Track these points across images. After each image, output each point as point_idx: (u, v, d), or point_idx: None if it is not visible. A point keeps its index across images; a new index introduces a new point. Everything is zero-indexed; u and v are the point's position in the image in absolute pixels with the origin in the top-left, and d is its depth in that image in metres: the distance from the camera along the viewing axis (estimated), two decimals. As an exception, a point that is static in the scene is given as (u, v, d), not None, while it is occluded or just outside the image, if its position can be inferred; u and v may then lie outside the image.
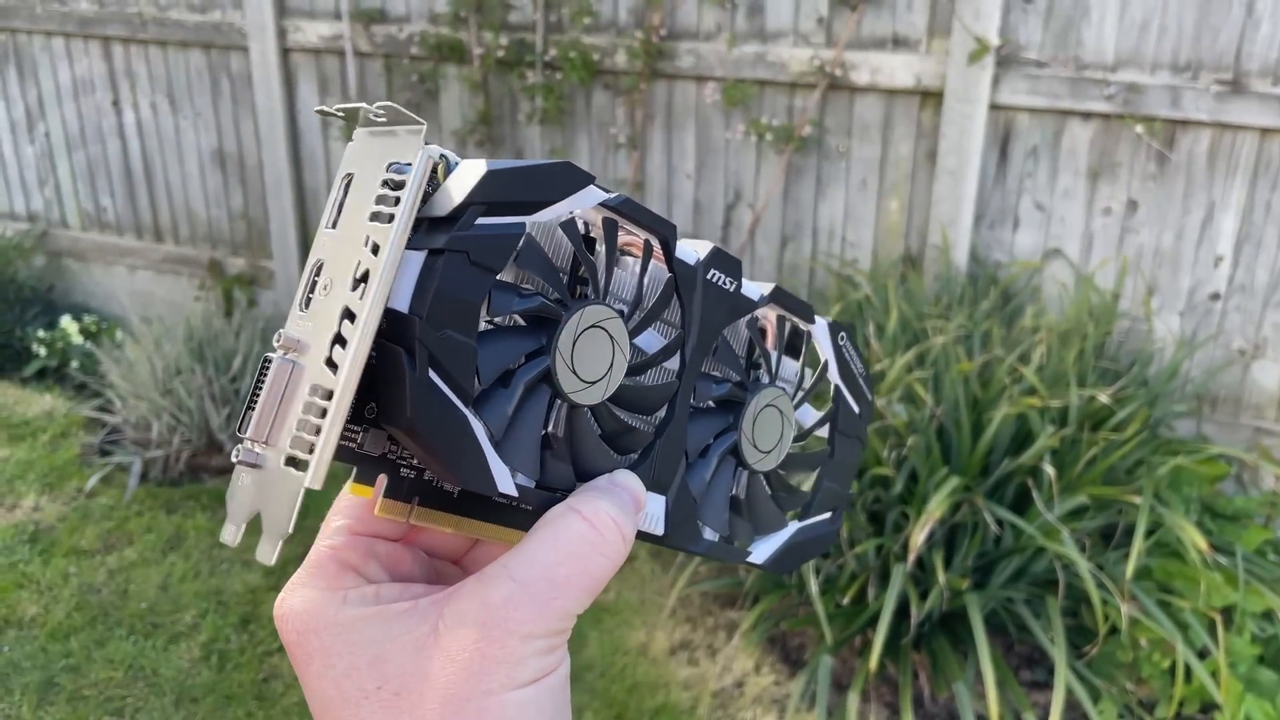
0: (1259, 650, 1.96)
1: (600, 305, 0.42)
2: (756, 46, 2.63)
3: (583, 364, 0.42)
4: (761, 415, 0.48)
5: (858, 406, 0.52)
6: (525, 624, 0.38)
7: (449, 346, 0.38)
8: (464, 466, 0.39)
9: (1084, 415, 2.13)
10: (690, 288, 0.45)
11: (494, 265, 0.39)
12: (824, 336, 0.51)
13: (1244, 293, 2.36)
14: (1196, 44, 2.25)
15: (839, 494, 0.53)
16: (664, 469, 0.45)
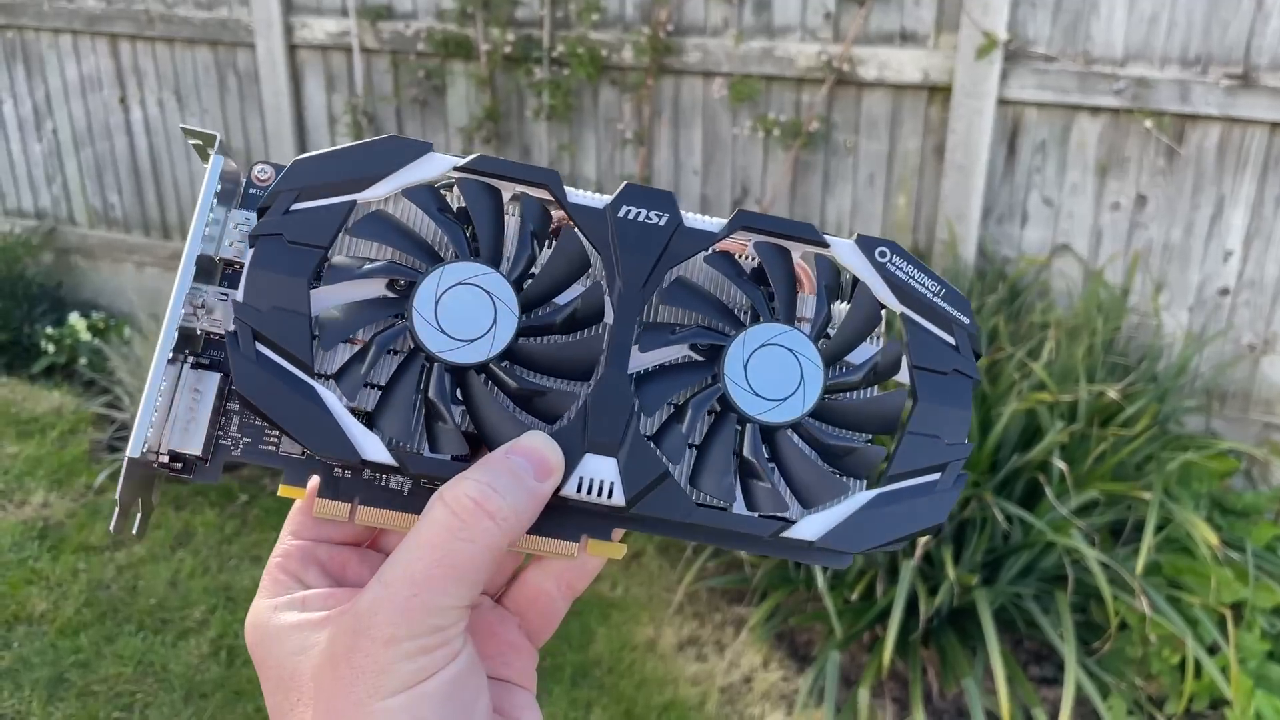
0: (1269, 646, 1.95)
1: (467, 262, 0.41)
2: (764, 42, 2.63)
3: (453, 322, 0.40)
4: (758, 357, 0.42)
5: (943, 333, 0.43)
6: (385, 628, 0.35)
7: (275, 320, 0.40)
8: (312, 433, 0.40)
9: (1093, 411, 2.13)
10: (600, 231, 0.42)
11: (317, 241, 0.41)
12: (854, 258, 0.43)
13: (1253, 288, 2.35)
14: (1206, 38, 2.24)
15: (939, 447, 0.42)
16: (601, 428, 0.41)
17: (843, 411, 0.43)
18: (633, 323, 0.42)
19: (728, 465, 0.42)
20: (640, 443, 0.41)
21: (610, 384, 0.41)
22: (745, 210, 0.43)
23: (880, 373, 0.44)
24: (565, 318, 0.41)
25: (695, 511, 0.41)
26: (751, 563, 2.26)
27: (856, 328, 0.43)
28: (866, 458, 0.43)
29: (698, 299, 0.43)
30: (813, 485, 0.42)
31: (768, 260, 0.43)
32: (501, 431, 0.41)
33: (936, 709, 2.03)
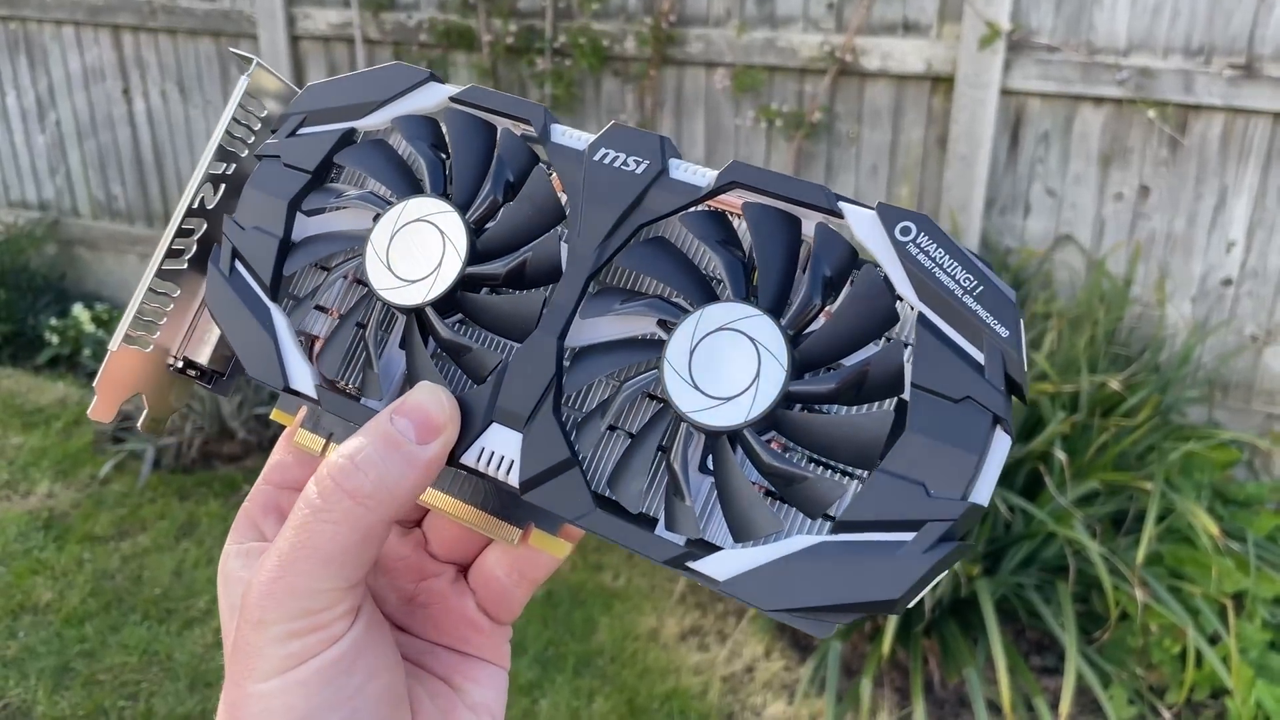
0: (1270, 636, 1.96)
1: (430, 198, 0.38)
2: (766, 32, 2.63)
3: (402, 260, 0.38)
4: (711, 343, 0.34)
5: (969, 344, 0.32)
6: (254, 611, 0.34)
7: (253, 241, 0.40)
8: (251, 355, 0.39)
9: (1095, 401, 2.13)
10: (573, 176, 0.37)
11: (305, 165, 0.41)
12: (870, 232, 0.34)
13: (1256, 278, 2.35)
14: (1209, 28, 2.24)
15: (919, 498, 0.31)
16: (513, 396, 0.36)
17: (806, 428, 0.34)
18: (580, 281, 0.36)
19: (645, 470, 0.35)
20: (549, 422, 0.35)
21: (535, 350, 0.36)
22: (742, 162, 0.36)
23: (870, 385, 0.33)
24: (513, 269, 0.37)
25: (592, 514, 0.35)
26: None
27: (855, 325, 0.34)
28: (818, 492, 0.33)
29: (668, 265, 0.36)
30: (743, 514, 0.33)
31: (756, 225, 0.35)
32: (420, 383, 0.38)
33: (938, 698, 2.04)
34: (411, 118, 0.40)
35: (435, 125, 0.40)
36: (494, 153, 0.39)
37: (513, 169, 0.39)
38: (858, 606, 0.31)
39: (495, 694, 0.42)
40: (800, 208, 0.35)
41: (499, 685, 0.42)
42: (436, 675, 0.41)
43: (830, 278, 0.35)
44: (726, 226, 0.37)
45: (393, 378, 0.40)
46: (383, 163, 0.40)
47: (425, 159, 0.40)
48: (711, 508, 0.36)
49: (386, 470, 0.34)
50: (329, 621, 0.34)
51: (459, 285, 0.37)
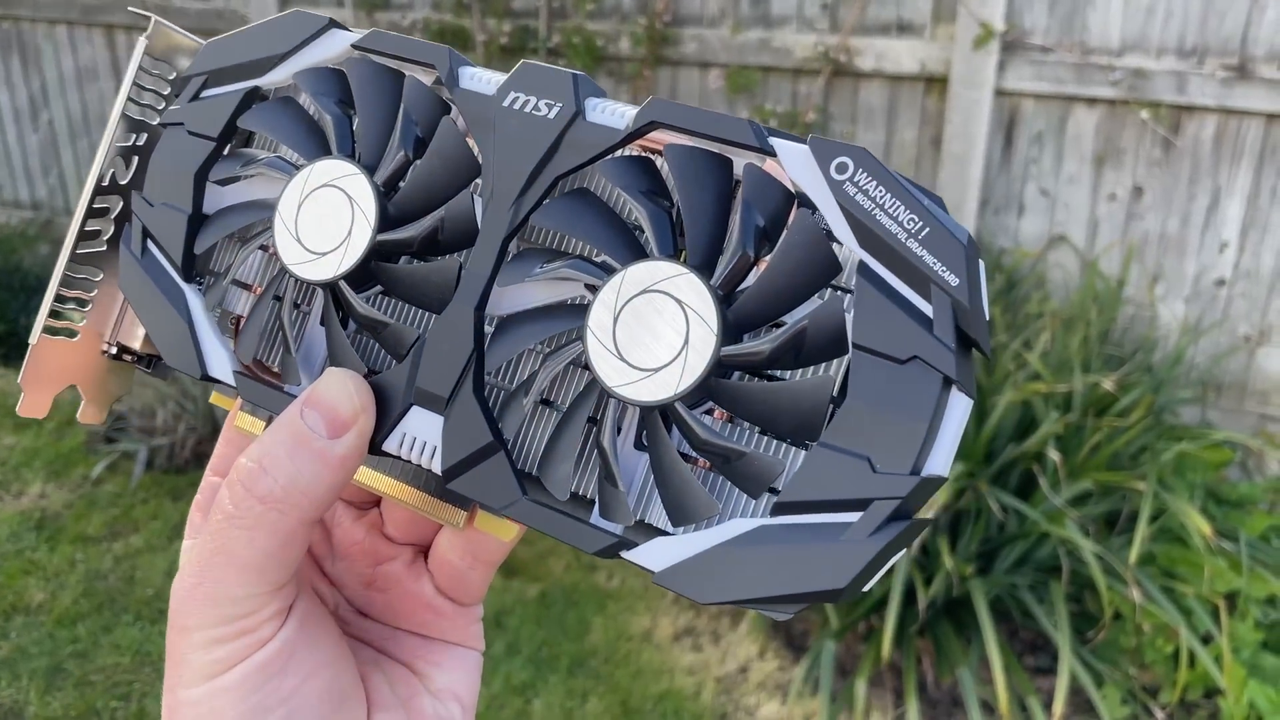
0: (1262, 636, 1.96)
1: (335, 160, 0.35)
2: (761, 32, 2.63)
3: (311, 231, 0.35)
4: (635, 308, 0.30)
5: (915, 296, 0.29)
6: (179, 617, 0.33)
7: (162, 218, 0.37)
8: (167, 341, 0.36)
9: (1088, 401, 2.13)
10: (484, 125, 0.34)
11: (209, 132, 0.37)
12: (805, 169, 0.30)
13: (1249, 279, 2.36)
14: (1202, 29, 2.24)
15: (865, 474, 0.28)
16: (432, 376, 0.33)
17: (744, 397, 0.30)
18: (497, 244, 0.33)
19: (572, 451, 0.32)
20: (469, 403, 0.33)
21: (451, 323, 0.33)
22: (661, 101, 0.32)
23: (809, 347, 0.30)
24: (425, 234, 0.34)
25: (518, 503, 0.32)
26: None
27: (787, 278, 0.30)
28: (756, 469, 0.30)
29: (592, 220, 0.33)
30: (677, 495, 0.31)
31: (680, 171, 0.31)
32: (341, 364, 0.35)
33: (931, 698, 2.04)
34: (313, 71, 0.37)
35: (341, 78, 0.37)
36: (397, 102, 0.36)
37: (421, 122, 0.35)
38: (800, 597, 0.28)
39: (463, 677, 0.40)
40: (729, 147, 0.32)
41: (468, 668, 0.41)
42: (399, 660, 0.40)
43: (763, 226, 0.31)
44: (651, 173, 0.33)
45: (315, 360, 0.37)
46: (288, 123, 0.37)
47: (330, 116, 0.36)
48: (648, 486, 0.33)
49: (298, 471, 0.32)
50: (255, 626, 0.33)
51: (371, 255, 0.34)
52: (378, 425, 0.34)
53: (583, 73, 0.34)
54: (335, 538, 0.42)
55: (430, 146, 0.34)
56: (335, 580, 0.42)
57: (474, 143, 0.34)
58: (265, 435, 0.33)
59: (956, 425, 0.29)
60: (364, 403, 0.33)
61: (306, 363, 0.37)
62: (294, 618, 0.34)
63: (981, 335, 0.28)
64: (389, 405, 0.34)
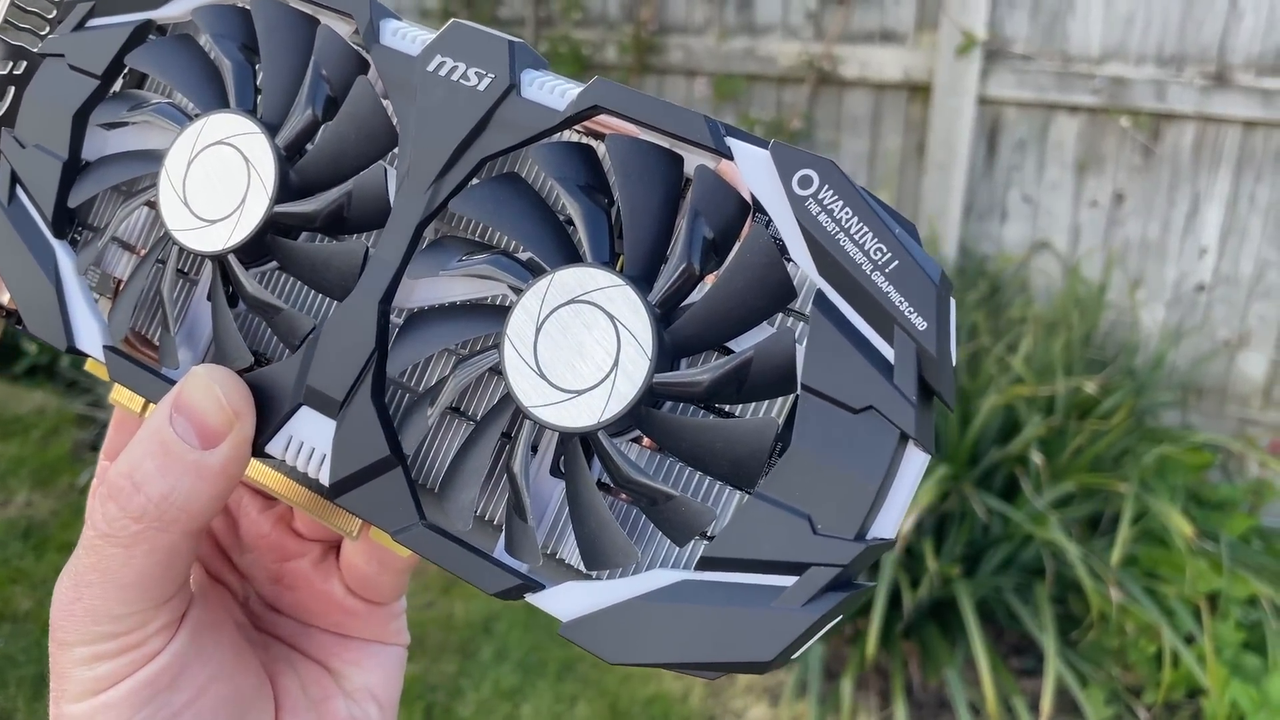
0: (1244, 636, 1.98)
1: (234, 114, 0.31)
2: (746, 40, 2.65)
3: (201, 194, 0.30)
4: (561, 319, 0.27)
5: (877, 337, 0.25)
6: (58, 631, 0.30)
7: (34, 162, 0.33)
8: (30, 305, 0.32)
9: (1071, 405, 2.15)
10: (404, 88, 0.29)
11: (93, 68, 0.33)
12: (764, 177, 0.27)
13: (1229, 283, 2.38)
14: (1181, 37, 2.27)
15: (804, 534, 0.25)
16: (325, 374, 0.29)
17: (676, 432, 0.27)
18: (409, 229, 0.29)
19: (479, 474, 0.29)
20: (366, 409, 0.29)
21: (352, 316, 0.29)
22: (607, 80, 0.28)
23: (753, 381, 0.26)
24: (329, 209, 0.30)
25: (414, 529, 0.28)
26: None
27: (734, 301, 0.26)
28: (685, 516, 0.26)
29: (520, 210, 0.29)
30: (593, 538, 0.27)
31: (623, 166, 0.28)
32: (223, 351, 0.31)
33: (918, 700, 2.05)
34: (215, 8, 0.33)
35: (246, 18, 0.33)
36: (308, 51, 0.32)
37: (333, 79, 0.31)
38: (721, 666, 0.25)
39: (382, 676, 0.38)
40: (681, 143, 0.28)
41: (388, 666, 0.38)
42: (313, 658, 0.38)
43: (712, 238, 0.27)
44: (592, 164, 0.29)
45: (200, 338, 0.33)
46: (183, 66, 0.32)
47: (230, 62, 0.32)
48: (568, 518, 0.29)
49: (172, 487, 0.29)
50: (140, 641, 0.30)
51: (268, 227, 0.30)
52: (261, 424, 0.30)
53: (522, 41, 0.29)
54: (242, 528, 0.39)
55: (342, 109, 0.30)
56: (245, 572, 0.39)
57: (392, 108, 0.30)
58: (135, 445, 0.30)
59: (910, 484, 0.26)
60: (239, 407, 0.30)
61: (190, 341, 0.33)
62: (185, 629, 0.32)
63: (946, 386, 0.25)
64: (275, 403, 0.30)
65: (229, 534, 0.39)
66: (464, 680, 2.09)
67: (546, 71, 0.29)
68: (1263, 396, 2.43)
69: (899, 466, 0.25)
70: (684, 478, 0.28)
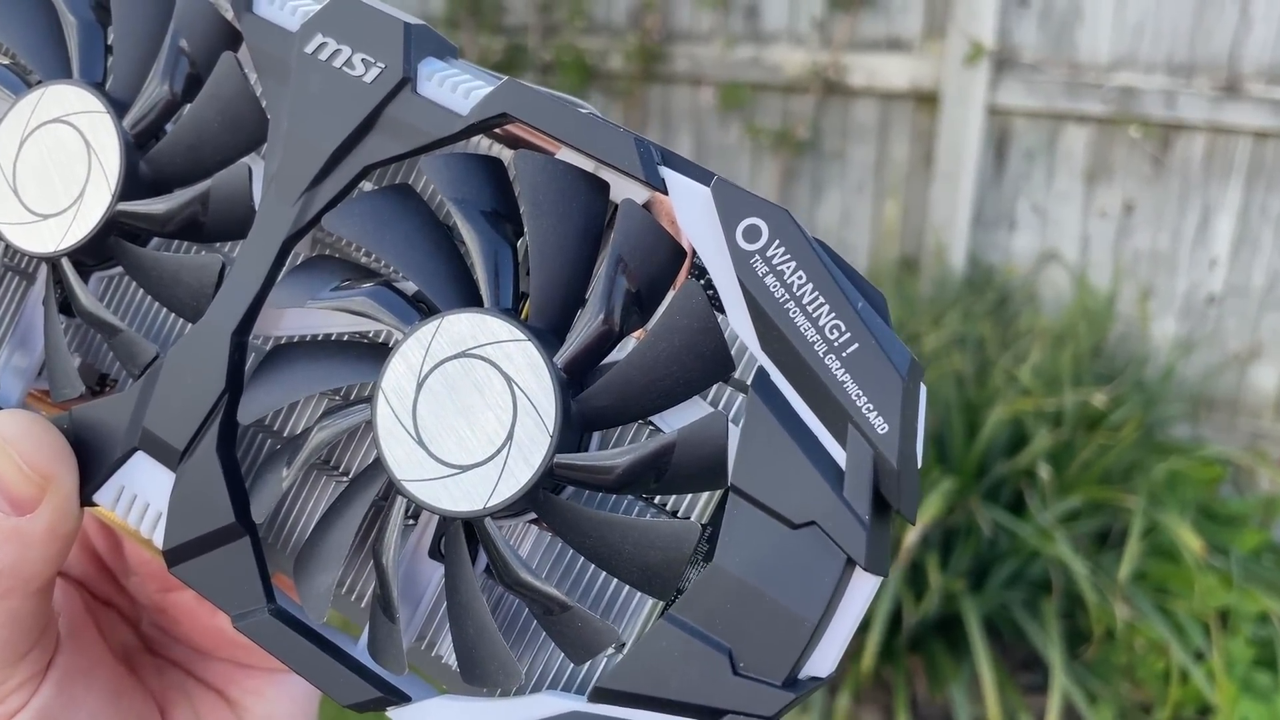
0: (1255, 652, 1.96)
1: (76, 85, 0.25)
2: (752, 49, 2.64)
3: (32, 181, 0.25)
4: (448, 374, 0.22)
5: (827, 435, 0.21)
6: None
7: None
8: None
9: (1079, 417, 2.13)
10: (277, 70, 0.24)
11: None
12: (703, 222, 0.22)
13: (1240, 295, 2.36)
14: (1191, 47, 2.25)
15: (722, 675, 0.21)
16: (163, 417, 0.24)
17: (575, 524, 0.23)
18: (274, 245, 0.24)
19: (342, 552, 0.24)
20: (210, 464, 0.24)
21: (199, 347, 0.24)
22: (519, 82, 0.23)
23: (675, 472, 0.22)
24: (180, 213, 0.25)
25: (257, 616, 0.24)
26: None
27: (659, 367, 0.22)
28: (584, 632, 0.22)
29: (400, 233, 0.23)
30: (472, 648, 0.23)
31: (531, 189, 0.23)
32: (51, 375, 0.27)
33: (923, 716, 2.03)
34: None
35: None
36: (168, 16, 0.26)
37: (195, 52, 0.26)
38: None
39: (289, 708, 0.35)
40: (604, 167, 0.23)
41: (296, 696, 0.35)
42: (210, 686, 0.35)
43: (636, 291, 0.22)
44: (499, 183, 0.24)
45: (35, 349, 0.28)
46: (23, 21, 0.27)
47: (76, 21, 0.27)
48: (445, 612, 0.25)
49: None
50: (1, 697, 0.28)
51: (110, 228, 0.25)
52: (91, 469, 0.26)
53: (423, 23, 0.24)
54: (125, 550, 0.36)
55: (204, 89, 0.25)
56: (135, 595, 0.36)
57: (262, 93, 0.25)
58: None
59: (857, 612, 0.21)
60: (50, 469, 0.25)
61: (25, 349, 0.28)
62: (50, 680, 0.29)
63: (909, 500, 0.21)
64: (106, 444, 0.25)
65: (114, 555, 0.36)
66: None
67: (455, 63, 0.25)
68: (1274, 410, 2.41)
69: (843, 595, 0.21)
70: (589, 572, 0.24)
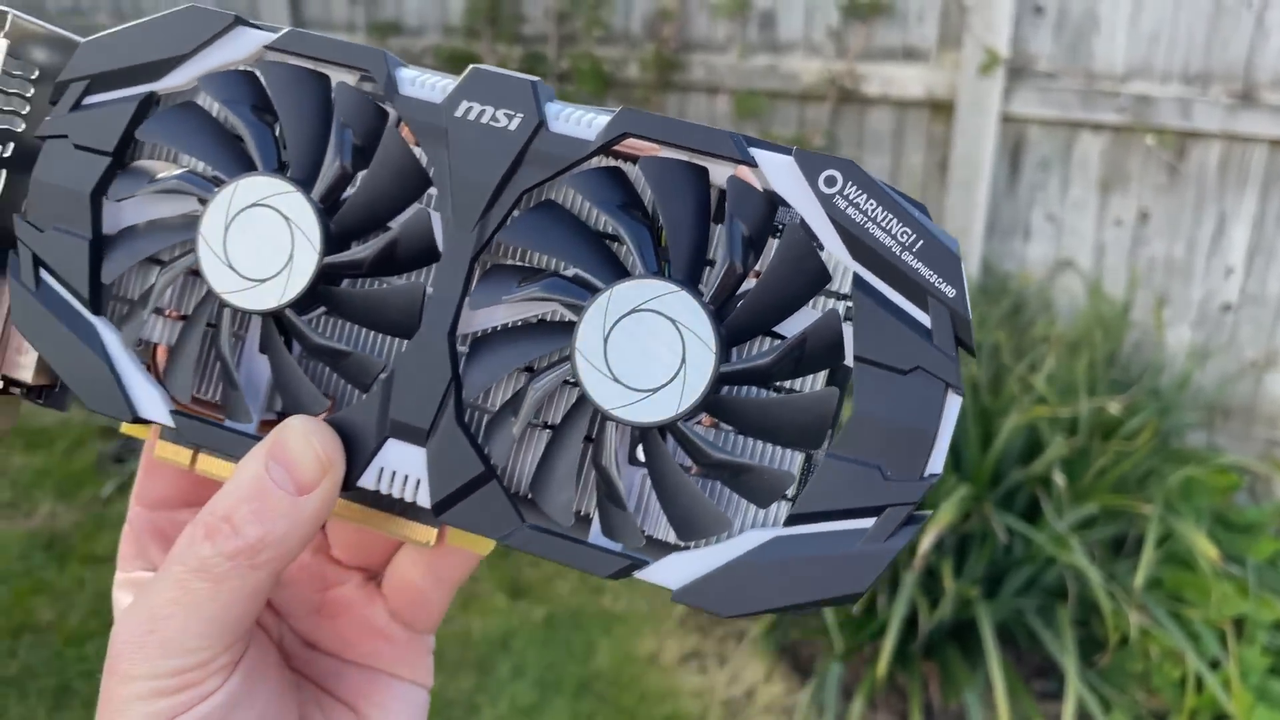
0: (1270, 661, 1.95)
1: (264, 176, 0.32)
2: (768, 58, 2.65)
3: (245, 255, 0.32)
4: (626, 327, 0.30)
5: (913, 307, 0.30)
6: (122, 662, 0.31)
7: (57, 245, 0.33)
8: (84, 383, 0.33)
9: (1094, 425, 2.13)
10: (434, 136, 0.31)
11: (104, 146, 0.33)
12: (789, 182, 0.30)
13: (1256, 303, 2.36)
14: (1207, 56, 2.26)
15: (877, 482, 0.29)
16: (407, 407, 0.32)
17: (746, 411, 0.31)
18: (464, 265, 0.31)
19: (572, 474, 0.32)
20: (454, 432, 0.31)
21: (423, 351, 0.32)
22: (632, 109, 0.31)
23: (807, 357, 0.30)
24: (378, 254, 0.32)
25: (519, 531, 0.31)
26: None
27: (782, 289, 0.30)
28: (767, 482, 0.31)
29: (563, 235, 0.31)
30: (687, 512, 0.31)
31: (658, 184, 0.31)
32: (298, 400, 0.33)
33: (938, 723, 2.03)
34: (223, 75, 0.33)
35: (253, 82, 0.34)
36: (331, 111, 0.33)
37: (357, 130, 0.32)
38: (820, 603, 0.29)
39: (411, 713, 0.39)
40: (704, 157, 0.31)
41: (414, 708, 0.39)
42: (342, 700, 0.38)
43: (749, 237, 0.30)
44: (625, 185, 0.32)
45: (259, 388, 0.34)
46: (199, 134, 0.33)
47: (249, 127, 0.33)
48: (648, 497, 0.33)
49: (268, 530, 0.31)
50: (202, 678, 0.31)
51: (320, 279, 0.32)
52: (351, 464, 0.32)
53: (538, 78, 0.32)
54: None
55: (376, 157, 0.32)
56: (280, 608, 0.40)
57: (420, 153, 0.32)
58: (230, 489, 0.31)
59: (952, 424, 0.30)
60: (332, 457, 0.32)
61: (250, 391, 0.34)
62: (240, 670, 0.33)
63: (971, 339, 0.30)
64: (361, 442, 0.32)
65: None
66: (480, 697, 2.08)
67: (565, 104, 0.32)
68: (1290, 418, 2.40)
69: (944, 411, 0.30)
70: (746, 448, 0.32)
